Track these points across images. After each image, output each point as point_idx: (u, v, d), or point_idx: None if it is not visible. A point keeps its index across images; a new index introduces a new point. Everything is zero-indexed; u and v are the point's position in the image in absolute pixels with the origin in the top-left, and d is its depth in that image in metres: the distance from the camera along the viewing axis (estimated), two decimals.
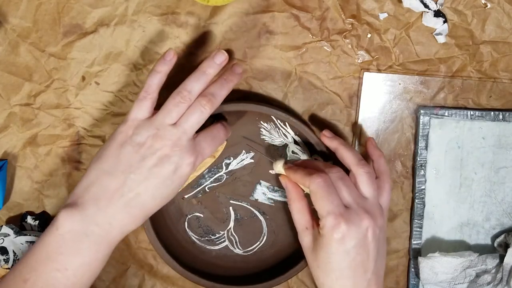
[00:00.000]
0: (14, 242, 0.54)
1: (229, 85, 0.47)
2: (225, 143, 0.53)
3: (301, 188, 0.48)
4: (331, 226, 0.43)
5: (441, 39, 0.54)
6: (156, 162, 0.44)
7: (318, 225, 0.45)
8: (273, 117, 0.53)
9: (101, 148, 0.45)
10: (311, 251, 0.45)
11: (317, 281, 0.46)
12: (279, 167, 0.50)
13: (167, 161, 0.44)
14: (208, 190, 0.55)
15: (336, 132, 0.55)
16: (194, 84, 0.46)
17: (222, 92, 0.47)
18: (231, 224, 0.55)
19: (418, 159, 0.55)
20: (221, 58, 0.47)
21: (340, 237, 0.42)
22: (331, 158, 0.51)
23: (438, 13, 0.53)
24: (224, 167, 0.55)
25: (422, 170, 0.55)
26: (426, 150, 0.55)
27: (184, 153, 0.45)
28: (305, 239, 0.46)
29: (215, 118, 0.52)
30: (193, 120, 0.45)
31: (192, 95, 0.46)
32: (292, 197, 0.47)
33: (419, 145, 0.55)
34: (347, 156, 0.47)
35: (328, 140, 0.49)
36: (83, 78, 0.55)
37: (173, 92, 0.46)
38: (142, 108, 0.46)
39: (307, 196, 0.47)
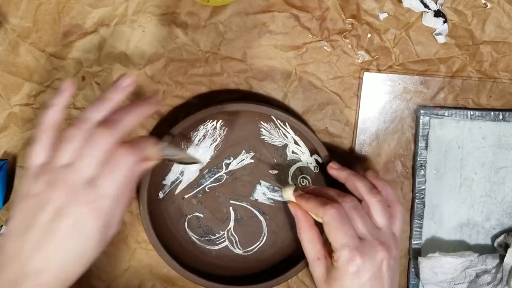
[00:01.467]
0: None
1: (138, 111, 0.39)
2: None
3: (311, 216, 0.46)
4: (346, 259, 0.42)
5: (441, 39, 0.54)
6: (53, 217, 0.36)
7: (330, 255, 0.44)
8: (273, 117, 0.53)
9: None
10: (323, 283, 0.44)
11: None
12: (288, 194, 0.48)
13: (65, 214, 0.36)
14: (208, 190, 0.55)
15: (336, 132, 0.55)
16: (93, 112, 0.38)
17: (128, 117, 0.38)
18: (231, 224, 0.55)
19: (418, 159, 0.55)
20: (126, 81, 0.40)
21: (355, 270, 0.42)
22: (330, 158, 0.51)
23: (438, 13, 0.53)
24: (224, 167, 0.55)
25: (422, 170, 0.55)
26: (426, 150, 0.55)
27: (78, 200, 0.37)
28: (317, 270, 0.45)
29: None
30: (89, 157, 0.37)
31: (88, 124, 0.37)
32: (303, 226, 0.46)
33: (419, 145, 0.55)
34: (358, 185, 0.46)
35: (336, 172, 0.48)
36: (83, 78, 0.55)
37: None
38: (37, 152, 0.38)
39: (318, 225, 0.46)
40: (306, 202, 0.45)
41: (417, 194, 0.55)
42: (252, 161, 0.54)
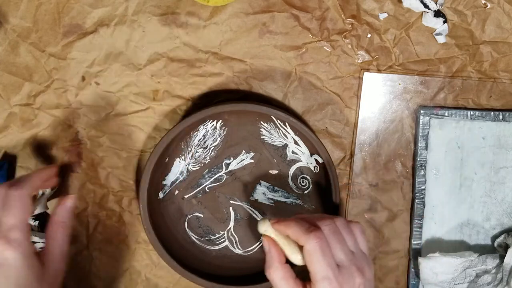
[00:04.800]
0: None
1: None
2: None
3: (284, 255, 0.44)
4: None
5: (441, 39, 0.54)
6: None
7: (304, 286, 0.43)
8: (273, 117, 0.53)
9: None
10: None
11: None
12: (266, 225, 0.44)
13: None
14: (208, 190, 0.55)
15: (336, 132, 0.55)
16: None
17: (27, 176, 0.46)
18: (231, 224, 0.55)
19: (418, 159, 0.55)
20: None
21: None
22: (330, 158, 0.51)
23: (438, 13, 0.53)
24: (224, 167, 0.55)
25: (422, 170, 0.55)
26: (426, 150, 0.55)
27: None
28: None
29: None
30: None
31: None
32: (274, 265, 0.43)
33: (419, 145, 0.55)
34: (318, 221, 0.44)
35: (277, 226, 0.45)
36: (83, 78, 0.55)
37: None
38: None
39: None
40: (286, 227, 0.43)
41: (417, 194, 0.55)
42: (252, 161, 0.54)
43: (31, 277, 0.42)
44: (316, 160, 0.54)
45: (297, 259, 0.43)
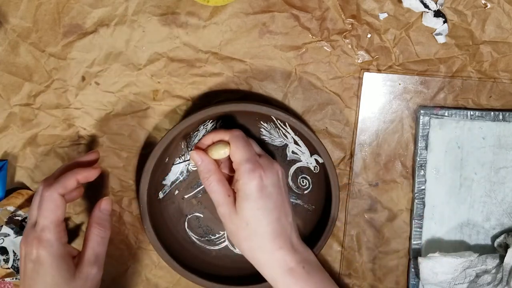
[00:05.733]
0: (14, 242, 0.54)
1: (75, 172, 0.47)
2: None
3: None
4: (249, 169, 0.45)
5: (441, 39, 0.54)
6: (23, 263, 0.45)
7: (234, 192, 0.47)
8: (273, 117, 0.53)
9: None
10: (235, 213, 0.46)
11: (248, 241, 0.46)
12: (191, 153, 0.49)
13: (27, 257, 0.44)
14: None
15: (336, 132, 0.55)
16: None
17: (64, 174, 0.46)
18: None
19: (418, 159, 0.55)
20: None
21: (258, 176, 0.45)
22: (332, 161, 0.51)
23: (438, 13, 0.53)
24: None
25: (422, 170, 0.55)
26: (426, 150, 0.55)
27: (28, 242, 0.44)
28: (228, 206, 0.46)
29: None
30: (32, 205, 0.46)
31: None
32: (213, 169, 0.48)
33: (419, 145, 0.55)
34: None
35: (202, 140, 0.50)
36: (83, 78, 0.55)
37: None
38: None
39: None
40: (214, 134, 0.49)
41: (417, 194, 0.55)
42: None
43: (58, 277, 0.43)
44: (316, 160, 0.54)
45: (223, 152, 0.48)
